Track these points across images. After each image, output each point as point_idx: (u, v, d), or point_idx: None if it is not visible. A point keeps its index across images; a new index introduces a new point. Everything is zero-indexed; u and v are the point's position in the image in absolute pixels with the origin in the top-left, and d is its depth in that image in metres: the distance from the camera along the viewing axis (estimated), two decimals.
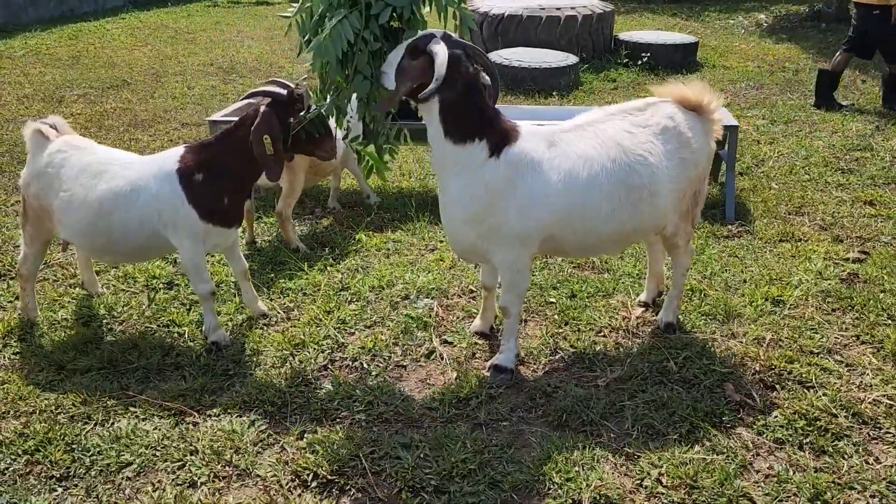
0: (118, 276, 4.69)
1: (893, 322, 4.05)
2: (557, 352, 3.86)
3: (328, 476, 3.04)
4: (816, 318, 4.08)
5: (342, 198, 5.96)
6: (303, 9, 3.49)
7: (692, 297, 4.30)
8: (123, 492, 3.01)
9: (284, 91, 3.70)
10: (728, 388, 3.50)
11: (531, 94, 8.86)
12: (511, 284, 3.53)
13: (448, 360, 3.81)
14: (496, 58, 9.14)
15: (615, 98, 8.74)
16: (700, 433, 3.23)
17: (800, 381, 3.57)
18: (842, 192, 5.92)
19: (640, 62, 10.05)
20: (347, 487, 3.00)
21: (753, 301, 4.25)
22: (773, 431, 3.25)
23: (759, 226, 5.32)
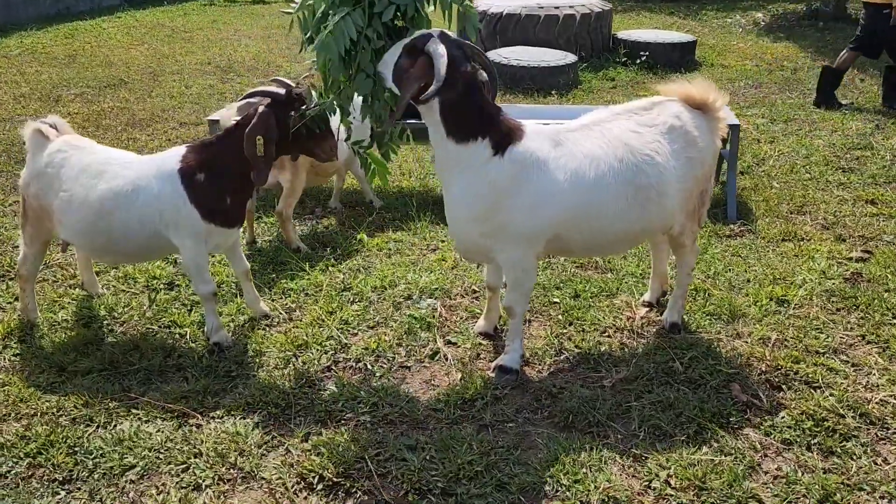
0: (118, 277, 4.65)
1: None
2: (562, 352, 3.84)
3: (334, 478, 3.01)
4: (821, 318, 4.07)
5: (343, 198, 5.93)
6: (304, 6, 3.46)
7: (696, 297, 4.28)
8: (127, 495, 2.99)
9: (283, 91, 3.68)
10: (734, 389, 3.48)
11: (530, 93, 8.84)
12: (516, 284, 3.51)
13: (452, 361, 3.79)
14: (494, 56, 9.12)
15: (614, 97, 8.72)
16: (707, 434, 3.22)
17: (806, 382, 3.56)
18: (843, 191, 5.91)
19: (639, 61, 10.04)
20: (353, 490, 2.97)
21: (758, 301, 4.23)
22: (781, 432, 3.23)
23: (761, 225, 5.31)
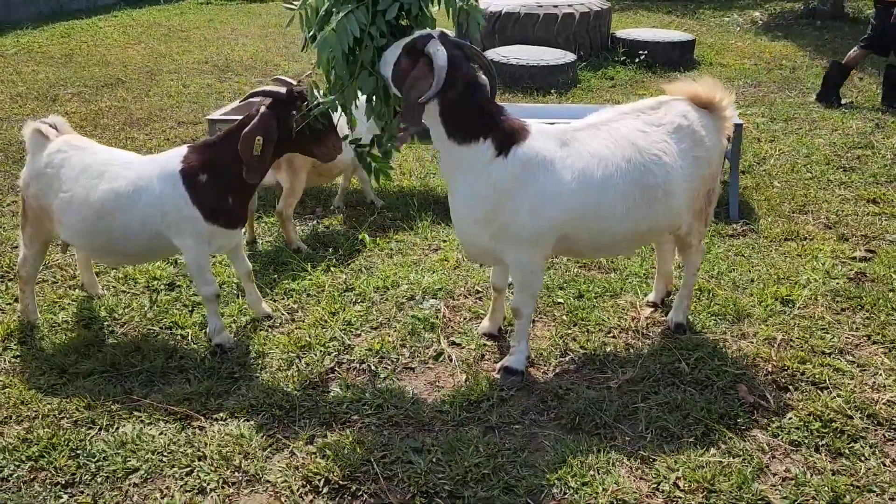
0: (118, 278, 4.62)
1: None
2: (567, 353, 3.82)
3: (340, 481, 2.98)
4: (826, 318, 4.05)
5: (344, 198, 5.89)
6: (306, 3, 3.43)
7: (701, 297, 4.26)
8: (131, 499, 2.95)
9: (284, 90, 3.65)
10: (741, 390, 3.47)
11: (529, 92, 8.81)
12: (523, 285, 3.49)
13: (457, 362, 3.76)
14: (493, 55, 9.10)
15: (613, 96, 8.70)
16: (715, 435, 3.20)
17: (813, 382, 3.54)
18: (845, 191, 5.90)
19: (638, 60, 10.03)
20: (360, 493, 2.95)
21: (763, 301, 4.21)
22: (789, 433, 3.21)
23: (764, 224, 5.29)
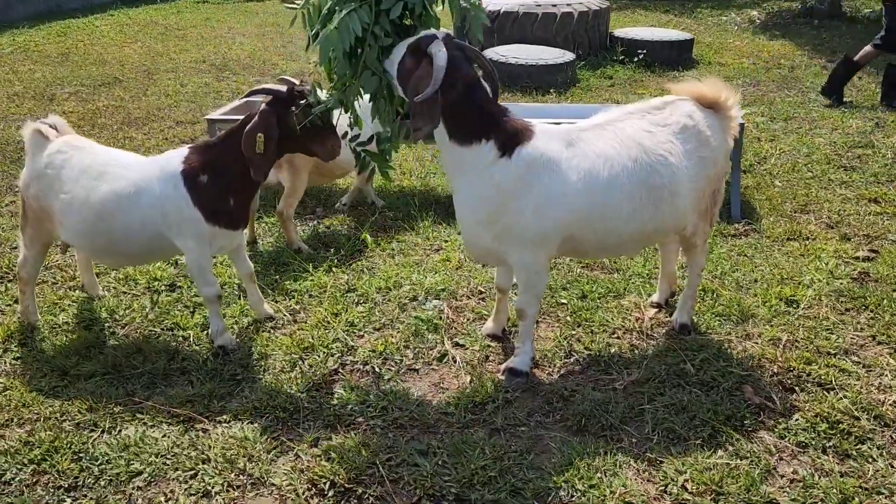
0: (119, 279, 4.59)
1: None
2: (572, 354, 3.80)
3: (345, 484, 2.96)
4: (831, 319, 4.04)
5: (343, 197, 5.87)
6: (309, 3, 3.41)
7: (705, 298, 4.25)
8: (135, 502, 2.93)
9: (285, 89, 3.62)
10: (747, 391, 3.45)
11: (528, 92, 8.79)
12: (528, 286, 3.47)
13: (461, 364, 3.74)
14: (492, 55, 9.07)
15: (612, 95, 8.68)
16: (722, 437, 3.18)
17: (819, 383, 3.53)
18: (846, 190, 5.89)
19: (637, 59, 10.01)
20: (365, 496, 2.93)
21: (767, 301, 4.20)
22: (796, 435, 3.20)
23: (766, 224, 5.28)
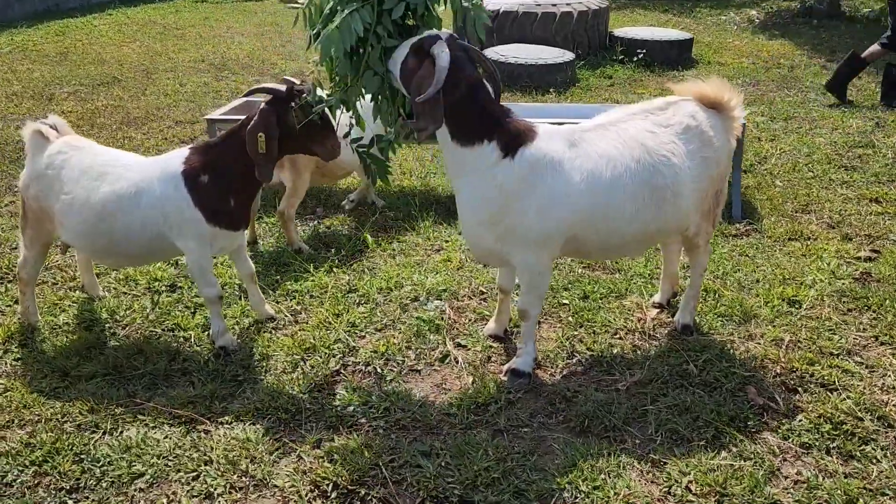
0: (119, 279, 4.58)
1: None
2: (574, 355, 3.79)
3: (348, 486, 2.95)
4: (833, 319, 4.03)
5: (344, 198, 5.85)
6: (311, 2, 3.40)
7: (707, 298, 4.24)
8: None
9: (284, 87, 3.61)
10: (750, 392, 3.45)
11: (528, 91, 8.78)
12: (531, 286, 3.46)
13: (463, 365, 3.73)
14: (492, 54, 9.06)
15: (612, 94, 8.67)
16: (725, 438, 3.17)
17: (822, 384, 3.52)
18: (847, 190, 5.88)
19: (636, 59, 10.00)
20: (368, 498, 2.92)
21: (769, 301, 4.19)
22: (799, 436, 3.19)
23: (767, 224, 5.27)
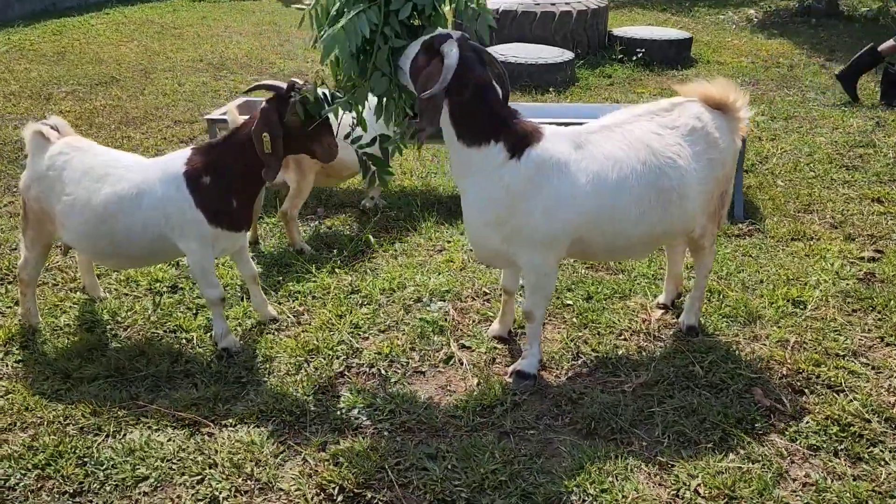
0: (120, 280, 4.55)
1: None
2: (579, 356, 3.77)
3: (354, 489, 2.93)
4: (839, 320, 4.02)
5: (345, 198, 5.83)
6: (318, 3, 3.38)
7: (711, 299, 4.22)
8: None
9: (285, 85, 3.58)
10: (757, 393, 3.43)
11: (527, 91, 8.76)
12: (537, 287, 3.44)
13: (468, 366, 3.71)
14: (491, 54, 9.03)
15: (612, 94, 8.66)
16: (733, 440, 3.16)
17: (829, 385, 3.51)
18: (849, 190, 5.88)
19: (635, 58, 9.99)
20: (375, 501, 2.90)
21: (773, 302, 4.18)
22: (807, 438, 3.18)
23: (770, 224, 5.26)
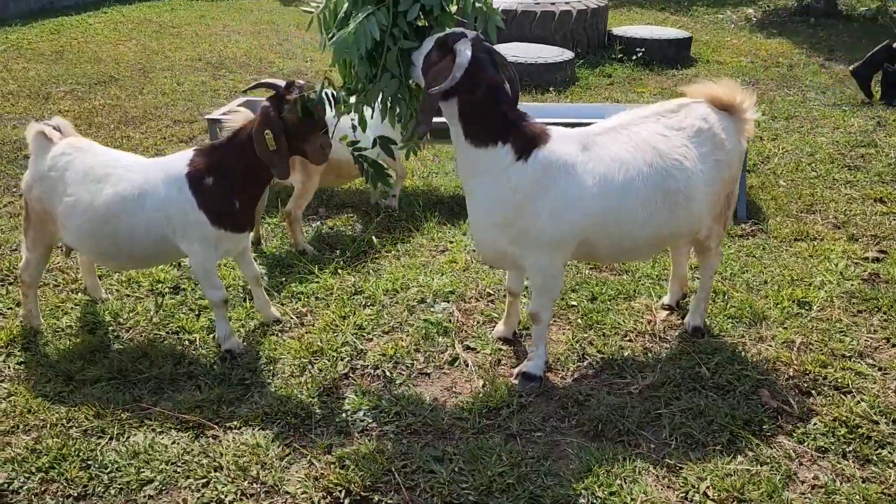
0: (122, 281, 4.52)
1: None
2: (585, 358, 3.75)
3: (361, 492, 2.92)
4: (844, 321, 4.01)
5: (346, 198, 5.81)
6: (327, 6, 3.36)
7: (716, 300, 4.21)
8: None
9: (283, 84, 3.55)
10: (764, 395, 3.42)
11: (527, 90, 8.73)
12: (543, 289, 3.43)
13: (473, 368, 3.69)
14: None
15: (612, 93, 8.65)
16: (741, 442, 3.15)
17: (836, 387, 3.49)
18: (851, 190, 5.87)
19: (635, 57, 9.99)
20: None
21: (779, 303, 4.16)
22: (815, 440, 3.17)
23: (773, 224, 5.25)
